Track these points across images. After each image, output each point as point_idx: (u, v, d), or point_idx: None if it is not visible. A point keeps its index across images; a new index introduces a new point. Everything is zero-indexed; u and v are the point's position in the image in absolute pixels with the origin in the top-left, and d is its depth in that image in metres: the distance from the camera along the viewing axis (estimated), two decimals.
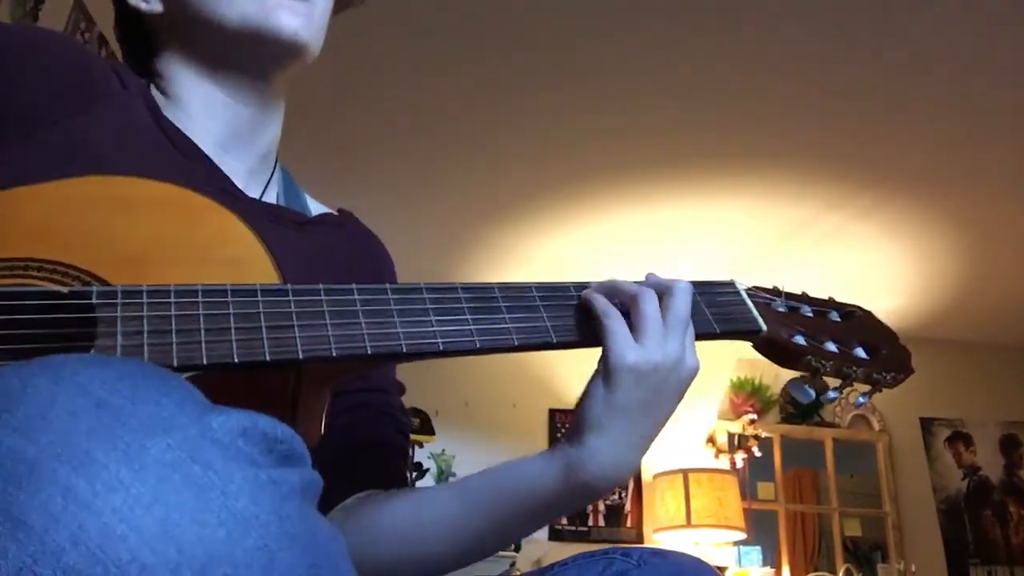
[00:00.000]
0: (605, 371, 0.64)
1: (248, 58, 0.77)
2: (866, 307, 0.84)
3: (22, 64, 0.67)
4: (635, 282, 0.69)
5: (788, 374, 0.77)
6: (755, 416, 4.33)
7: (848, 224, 3.58)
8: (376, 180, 3.36)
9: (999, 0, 2.38)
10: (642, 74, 2.76)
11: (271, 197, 0.84)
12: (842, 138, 3.06)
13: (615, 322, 0.65)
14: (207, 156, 0.76)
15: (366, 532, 0.72)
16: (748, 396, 4.37)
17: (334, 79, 2.68)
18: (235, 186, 0.78)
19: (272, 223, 0.78)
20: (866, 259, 3.84)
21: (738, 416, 4.34)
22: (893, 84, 2.76)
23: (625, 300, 0.67)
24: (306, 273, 0.71)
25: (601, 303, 0.66)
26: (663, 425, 0.67)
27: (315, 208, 0.90)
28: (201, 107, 0.78)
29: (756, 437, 4.28)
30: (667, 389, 0.65)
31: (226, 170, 0.77)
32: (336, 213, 0.91)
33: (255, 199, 0.80)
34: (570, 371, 4.36)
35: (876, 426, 4.53)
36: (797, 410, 4.47)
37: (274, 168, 0.87)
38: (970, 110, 2.88)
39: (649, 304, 0.65)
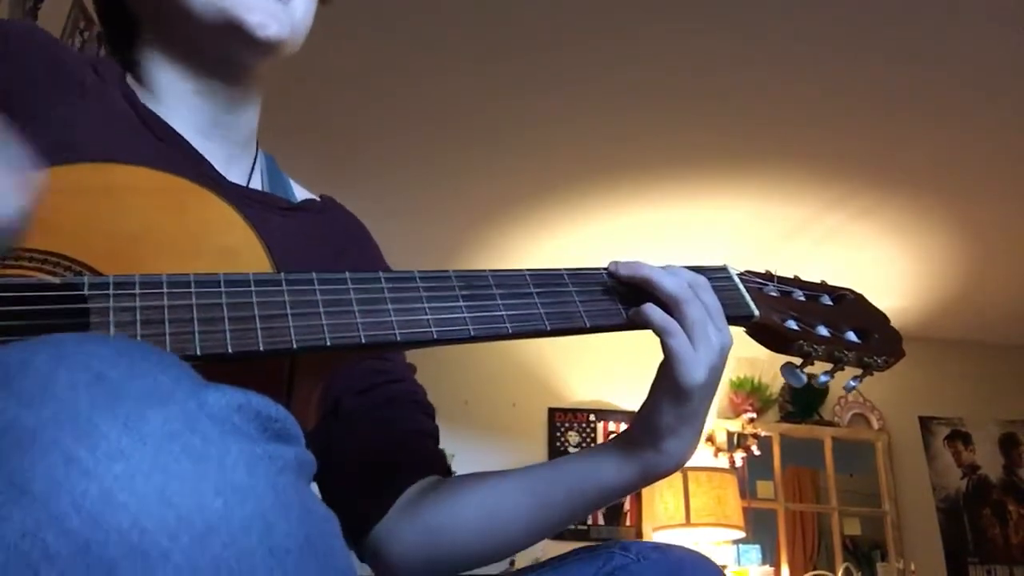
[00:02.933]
0: (675, 389, 0.67)
1: (217, 50, 0.76)
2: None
3: (5, 61, 0.67)
4: (668, 274, 0.69)
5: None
6: (754, 415, 4.33)
7: (848, 224, 3.58)
8: (375, 180, 3.36)
9: (999, 1, 2.37)
10: (642, 74, 2.76)
11: (256, 184, 0.84)
12: (842, 138, 3.06)
13: (679, 341, 0.66)
14: (188, 142, 0.76)
15: (436, 526, 0.76)
16: (747, 395, 4.36)
17: (333, 79, 2.68)
18: (217, 172, 0.77)
19: (258, 209, 0.78)
20: (866, 259, 3.84)
21: (737, 415, 4.33)
22: (893, 84, 2.76)
23: (667, 301, 0.68)
24: (295, 259, 0.71)
25: (660, 319, 0.67)
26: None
27: (300, 194, 0.90)
28: (175, 95, 0.77)
29: (755, 436, 4.28)
30: (719, 374, 0.69)
31: (207, 156, 0.77)
32: (319, 199, 0.91)
33: (238, 184, 0.80)
34: (569, 370, 4.36)
35: (875, 425, 4.53)
36: (796, 408, 4.47)
37: (256, 154, 0.86)
38: (970, 110, 2.88)
39: (697, 310, 0.67)
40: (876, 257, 3.83)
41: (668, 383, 0.67)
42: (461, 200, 3.52)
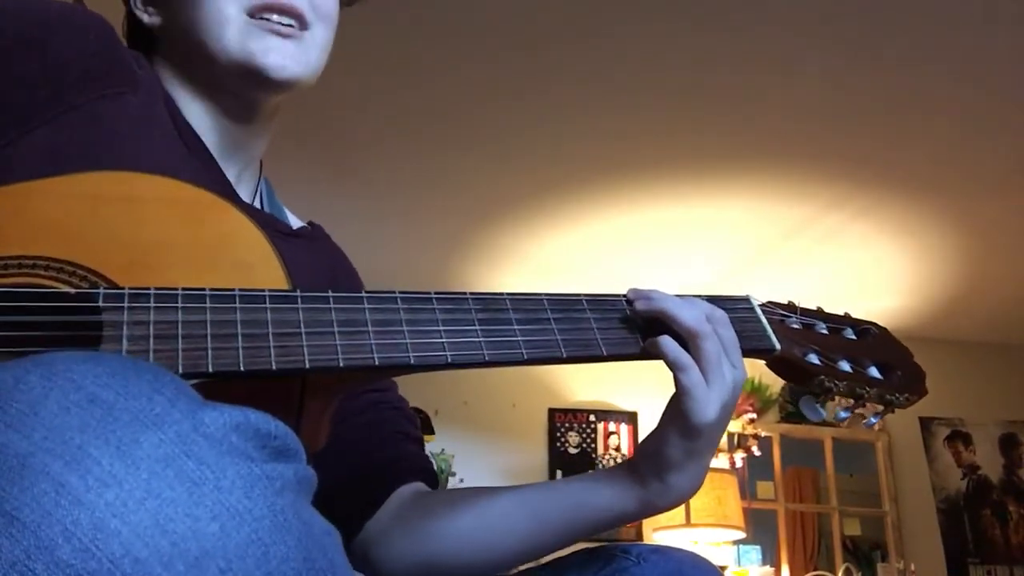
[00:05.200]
0: (686, 425, 0.65)
1: (234, 86, 0.77)
2: (867, 308, 0.84)
3: (59, 41, 0.66)
4: (687, 306, 0.67)
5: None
6: (754, 415, 4.33)
7: (848, 224, 3.58)
8: (375, 180, 3.36)
9: (999, 0, 2.38)
10: (642, 74, 2.76)
11: (258, 206, 0.85)
12: (842, 138, 3.05)
13: (693, 378, 0.65)
14: (213, 156, 0.77)
15: (426, 532, 0.75)
16: (747, 395, 4.36)
17: (332, 80, 2.68)
18: (234, 190, 0.78)
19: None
20: (866, 259, 3.84)
21: (737, 415, 4.34)
22: (893, 84, 2.76)
23: (684, 335, 0.66)
24: (297, 283, 0.71)
25: (674, 353, 0.65)
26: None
27: (293, 222, 0.91)
28: (194, 115, 0.78)
29: (755, 436, 4.28)
30: (730, 410, 0.68)
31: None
32: (308, 227, 0.92)
33: (249, 204, 0.81)
34: (570, 371, 4.36)
35: (875, 425, 4.53)
36: (796, 408, 4.47)
37: (259, 177, 0.87)
38: (970, 110, 2.88)
39: (714, 346, 0.66)
40: (876, 257, 3.83)
41: (678, 418, 0.66)
42: (461, 200, 3.52)
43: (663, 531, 3.87)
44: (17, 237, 0.56)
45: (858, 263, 3.87)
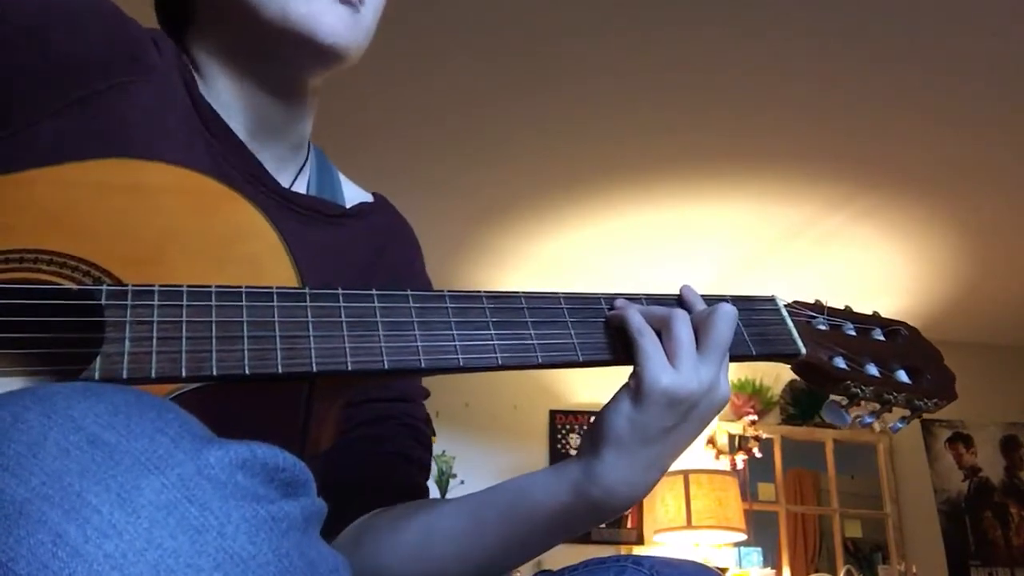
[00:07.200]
0: (636, 389, 0.62)
1: (283, 55, 0.73)
2: (868, 309, 0.81)
3: (62, 31, 0.63)
4: (670, 297, 0.66)
5: (790, 374, 0.74)
6: (756, 417, 4.32)
7: (848, 225, 3.58)
8: (375, 181, 3.34)
9: (1000, 1, 2.37)
10: (642, 74, 2.76)
11: (302, 185, 0.81)
12: (843, 138, 3.05)
13: (649, 342, 0.62)
14: (241, 141, 0.73)
15: (373, 550, 0.71)
16: (749, 397, 4.36)
17: (332, 80, 2.67)
18: (267, 173, 0.75)
19: (300, 215, 0.75)
20: (866, 259, 3.83)
21: (739, 417, 4.33)
22: (894, 85, 2.76)
23: (656, 321, 0.64)
24: (330, 269, 0.68)
25: (636, 320, 0.63)
26: (683, 451, 0.66)
27: (348, 190, 0.87)
28: (228, 94, 0.74)
29: (757, 438, 4.27)
30: (695, 416, 0.64)
31: (258, 156, 0.74)
32: (371, 199, 0.88)
33: (286, 189, 0.77)
34: (571, 373, 4.35)
35: (876, 427, 4.53)
36: (797, 410, 4.47)
37: (307, 154, 0.83)
38: (970, 111, 2.88)
39: (682, 327, 0.63)
40: (877, 258, 3.83)
41: (630, 380, 0.63)
42: (462, 201, 3.51)
43: (664, 533, 3.86)
44: (18, 229, 0.54)
45: (858, 264, 3.87)
